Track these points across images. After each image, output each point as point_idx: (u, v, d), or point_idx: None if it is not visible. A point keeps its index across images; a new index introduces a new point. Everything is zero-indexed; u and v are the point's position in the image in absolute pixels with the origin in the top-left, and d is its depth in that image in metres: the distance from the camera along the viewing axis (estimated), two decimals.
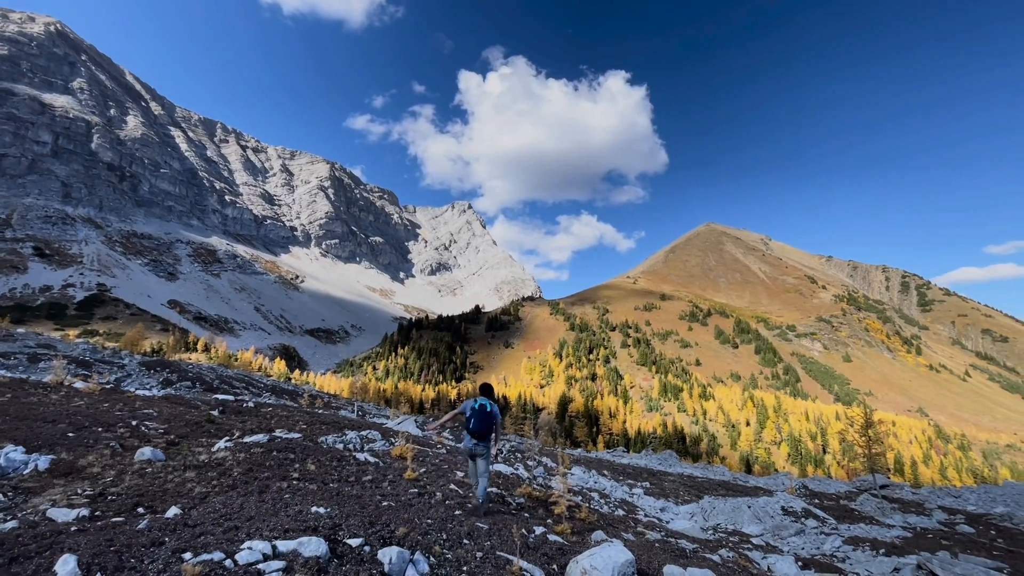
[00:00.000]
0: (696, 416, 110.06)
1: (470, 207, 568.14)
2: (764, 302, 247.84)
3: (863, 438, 26.56)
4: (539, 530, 6.80)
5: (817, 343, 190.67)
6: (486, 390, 7.55)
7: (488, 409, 7.19)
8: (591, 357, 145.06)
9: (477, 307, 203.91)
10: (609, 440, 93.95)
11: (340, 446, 11.08)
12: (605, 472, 22.63)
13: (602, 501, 14.68)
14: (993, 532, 14.38)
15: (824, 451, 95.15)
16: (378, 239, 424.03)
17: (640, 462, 34.10)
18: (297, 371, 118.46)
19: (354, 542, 5.05)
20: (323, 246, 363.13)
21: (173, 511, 5.33)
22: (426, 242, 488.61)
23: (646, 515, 13.91)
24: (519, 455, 18.34)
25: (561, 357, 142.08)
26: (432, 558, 5.21)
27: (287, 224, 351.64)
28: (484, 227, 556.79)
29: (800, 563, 9.95)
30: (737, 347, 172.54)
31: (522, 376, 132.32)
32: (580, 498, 12.91)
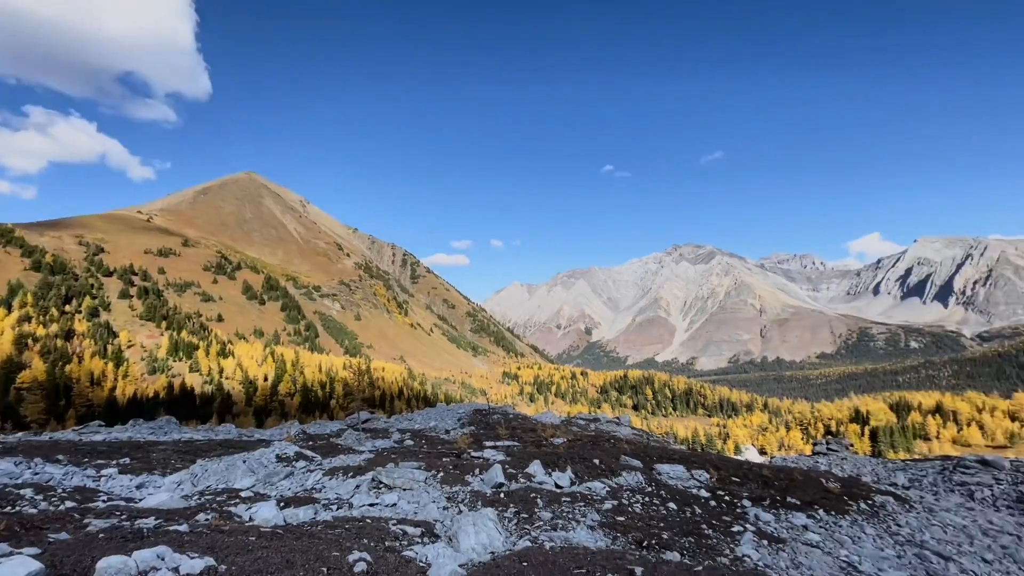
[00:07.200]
0: (212, 375, 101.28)
1: None
2: (296, 262, 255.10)
3: (360, 382, 31.78)
4: None
5: (336, 303, 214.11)
6: None
7: None
8: (68, 308, 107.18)
9: None
10: (87, 413, 73.81)
11: None
12: (59, 457, 17.32)
13: (39, 498, 11.08)
14: (423, 441, 20.06)
15: (331, 397, 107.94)
16: None
17: (123, 435, 28.10)
18: None
19: None
20: None
21: None
22: None
23: (109, 499, 11.47)
24: None
25: (10, 307, 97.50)
26: None
27: None
28: None
29: (282, 503, 10.66)
30: (264, 304, 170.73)
31: None
32: None
